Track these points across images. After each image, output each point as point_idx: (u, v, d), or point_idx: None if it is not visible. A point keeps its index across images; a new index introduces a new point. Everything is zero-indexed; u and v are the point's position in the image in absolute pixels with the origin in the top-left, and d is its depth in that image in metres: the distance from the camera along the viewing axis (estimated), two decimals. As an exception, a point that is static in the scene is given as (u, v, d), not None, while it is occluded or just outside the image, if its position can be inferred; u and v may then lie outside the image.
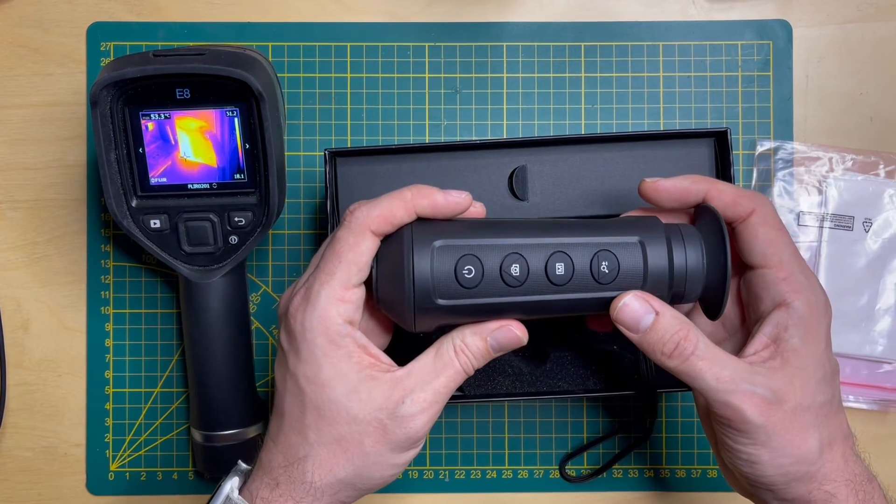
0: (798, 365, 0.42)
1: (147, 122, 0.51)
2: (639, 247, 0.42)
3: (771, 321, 0.43)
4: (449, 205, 0.43)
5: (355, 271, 0.42)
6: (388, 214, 0.42)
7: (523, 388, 0.54)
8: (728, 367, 0.41)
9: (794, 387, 0.41)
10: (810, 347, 0.42)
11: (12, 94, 0.59)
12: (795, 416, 0.41)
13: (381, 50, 0.59)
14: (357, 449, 0.42)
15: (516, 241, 0.42)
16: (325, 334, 0.42)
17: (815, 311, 0.43)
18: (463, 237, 0.42)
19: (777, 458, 0.41)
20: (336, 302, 0.42)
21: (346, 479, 0.42)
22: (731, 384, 0.41)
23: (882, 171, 0.59)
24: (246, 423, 0.56)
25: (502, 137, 0.59)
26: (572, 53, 0.59)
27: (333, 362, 0.42)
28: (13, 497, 0.60)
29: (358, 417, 0.41)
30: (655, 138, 0.53)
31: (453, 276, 0.42)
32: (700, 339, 0.42)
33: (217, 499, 0.43)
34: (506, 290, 0.42)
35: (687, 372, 0.41)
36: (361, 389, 0.41)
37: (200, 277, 0.54)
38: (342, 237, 0.42)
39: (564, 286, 0.42)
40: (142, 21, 0.59)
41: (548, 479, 0.60)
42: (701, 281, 0.43)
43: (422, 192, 0.43)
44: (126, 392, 0.60)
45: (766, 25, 0.59)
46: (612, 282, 0.42)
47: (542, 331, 0.55)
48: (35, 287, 0.60)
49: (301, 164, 0.59)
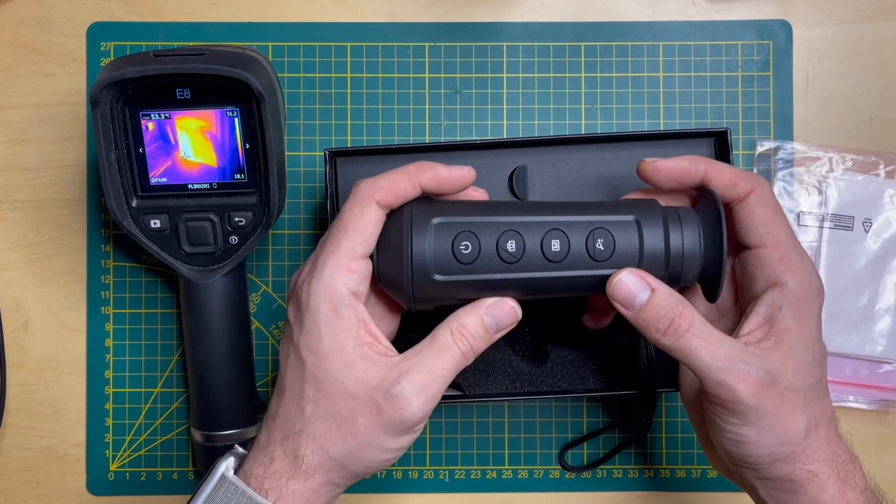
0: (791, 345, 0.42)
1: (147, 122, 0.51)
2: (635, 226, 0.43)
3: (765, 301, 0.43)
4: (452, 178, 0.43)
5: (360, 241, 0.43)
6: (393, 186, 0.43)
7: (523, 387, 0.54)
8: (723, 346, 0.41)
9: (787, 368, 0.41)
10: (803, 328, 0.42)
11: (12, 94, 0.59)
12: (786, 398, 0.41)
13: (381, 50, 0.59)
14: (350, 427, 0.42)
15: (513, 219, 0.43)
16: (329, 302, 0.42)
17: (809, 291, 0.43)
18: (460, 215, 0.43)
19: (765, 439, 0.41)
20: (342, 271, 0.42)
21: (338, 458, 0.42)
22: (727, 363, 0.41)
23: (882, 171, 0.59)
24: (246, 423, 0.56)
25: (502, 137, 0.59)
26: (572, 53, 0.59)
27: (333, 333, 0.42)
28: (13, 497, 0.60)
29: (353, 394, 0.41)
30: (655, 138, 0.53)
31: (451, 251, 0.42)
32: (695, 317, 0.42)
33: (212, 478, 0.43)
34: (502, 266, 0.42)
35: (682, 349, 0.41)
36: (358, 366, 0.42)
37: (200, 277, 0.54)
38: (348, 209, 0.43)
39: (560, 263, 0.43)
40: (142, 21, 0.59)
41: (548, 479, 0.60)
42: (698, 262, 0.43)
43: (425, 165, 0.43)
44: (126, 392, 0.60)
45: (766, 25, 0.59)
46: (607, 259, 0.43)
47: (543, 331, 0.55)
48: (35, 287, 0.60)
49: (301, 164, 0.59)
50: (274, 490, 0.42)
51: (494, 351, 0.54)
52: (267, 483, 0.42)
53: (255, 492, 0.42)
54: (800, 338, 0.42)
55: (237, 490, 0.42)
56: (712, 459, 0.47)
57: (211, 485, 0.43)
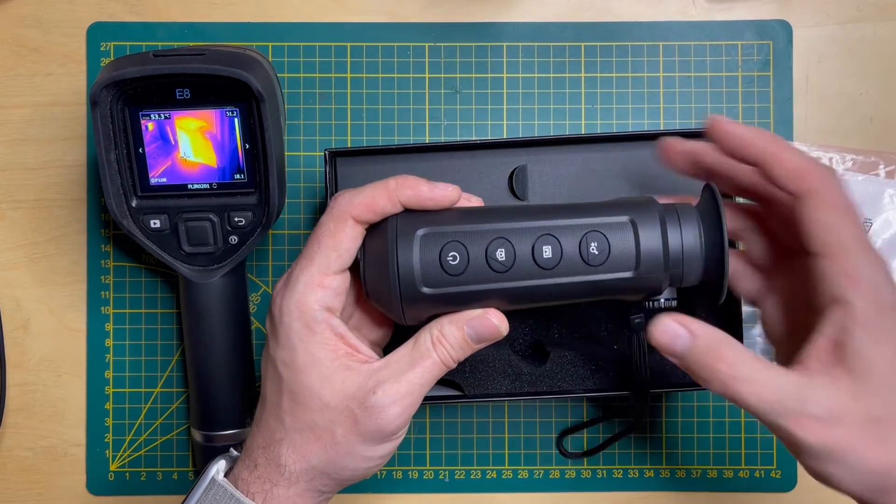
0: (866, 372, 0.37)
1: (147, 122, 0.51)
2: (630, 227, 0.41)
3: (830, 321, 0.38)
4: (434, 198, 0.42)
5: (335, 257, 0.42)
6: (371, 202, 0.42)
7: (523, 388, 0.54)
8: (773, 388, 0.38)
9: (862, 398, 0.37)
10: (880, 349, 0.38)
11: (12, 94, 0.59)
12: (866, 429, 0.37)
13: (381, 50, 0.59)
14: (329, 437, 0.42)
15: (502, 226, 0.41)
16: (301, 319, 0.42)
17: (881, 308, 0.38)
18: (447, 224, 0.42)
19: (849, 474, 0.38)
20: (314, 287, 0.42)
21: (320, 467, 0.42)
22: (778, 406, 0.37)
23: (882, 171, 0.59)
24: (246, 423, 0.56)
25: (502, 137, 0.59)
26: (572, 53, 0.59)
27: (308, 347, 0.41)
28: (13, 497, 0.60)
29: (330, 405, 0.41)
30: (655, 138, 0.53)
31: (438, 263, 0.41)
32: (737, 358, 0.38)
33: (203, 481, 0.44)
34: (493, 275, 0.41)
35: (730, 397, 0.38)
36: (335, 378, 0.41)
37: (200, 277, 0.54)
38: (323, 223, 0.43)
39: (553, 270, 0.41)
40: (142, 21, 0.59)
41: (548, 479, 0.60)
42: (699, 261, 0.41)
43: (407, 181, 0.42)
44: (126, 392, 0.60)
45: (766, 25, 0.59)
46: (602, 264, 0.41)
47: (543, 331, 0.55)
48: (35, 287, 0.60)
49: (301, 164, 0.59)
50: (260, 493, 0.42)
51: (494, 351, 0.54)
52: (253, 486, 0.42)
53: (243, 494, 0.42)
54: (877, 361, 0.37)
55: (226, 493, 0.43)
56: None
57: (202, 488, 0.44)
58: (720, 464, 0.60)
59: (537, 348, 0.55)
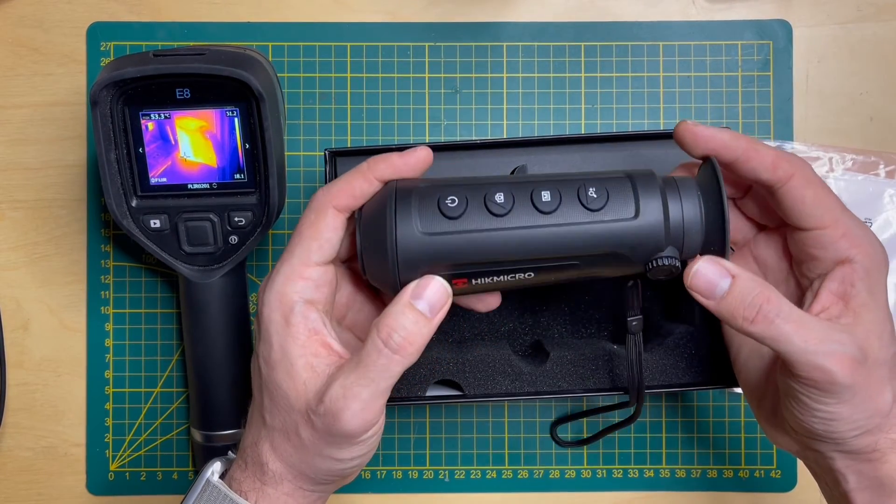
0: (871, 319, 0.41)
1: (147, 122, 0.51)
2: (627, 180, 0.42)
3: (835, 277, 0.42)
4: (408, 163, 0.42)
5: (315, 247, 0.42)
6: (348, 187, 0.42)
7: (523, 387, 0.54)
8: (814, 329, 0.40)
9: (871, 342, 0.41)
10: (878, 300, 0.42)
11: (12, 94, 0.59)
12: (874, 372, 0.41)
13: (381, 50, 0.59)
14: (297, 439, 0.41)
15: (502, 179, 0.42)
16: (280, 310, 0.41)
17: (878, 263, 0.42)
18: (447, 182, 0.42)
19: (855, 414, 0.41)
20: (294, 278, 0.41)
21: (297, 468, 0.42)
22: (820, 345, 0.39)
23: (882, 171, 0.59)
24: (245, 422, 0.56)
25: (502, 137, 0.59)
26: (572, 53, 0.59)
27: (281, 342, 0.41)
28: (13, 497, 0.60)
29: (294, 407, 0.41)
30: (655, 138, 0.53)
31: (437, 207, 0.41)
32: (782, 300, 0.40)
33: (199, 483, 0.44)
34: (491, 218, 0.41)
35: (772, 336, 0.40)
36: (298, 378, 0.41)
37: (200, 277, 0.54)
38: (304, 216, 0.43)
39: (552, 214, 0.41)
40: (142, 21, 0.59)
41: (548, 479, 0.60)
42: (699, 227, 0.41)
43: (378, 158, 0.42)
44: (126, 392, 0.60)
45: (766, 25, 0.59)
46: (601, 208, 0.41)
47: (542, 331, 0.55)
48: (35, 287, 0.60)
49: (301, 164, 0.59)
50: (253, 492, 0.42)
51: (494, 351, 0.54)
52: (245, 485, 0.43)
53: (237, 494, 0.42)
54: (877, 309, 0.42)
55: (220, 493, 0.43)
56: (778, 438, 0.46)
57: (197, 490, 0.44)
58: (720, 464, 0.60)
59: (537, 348, 0.55)
